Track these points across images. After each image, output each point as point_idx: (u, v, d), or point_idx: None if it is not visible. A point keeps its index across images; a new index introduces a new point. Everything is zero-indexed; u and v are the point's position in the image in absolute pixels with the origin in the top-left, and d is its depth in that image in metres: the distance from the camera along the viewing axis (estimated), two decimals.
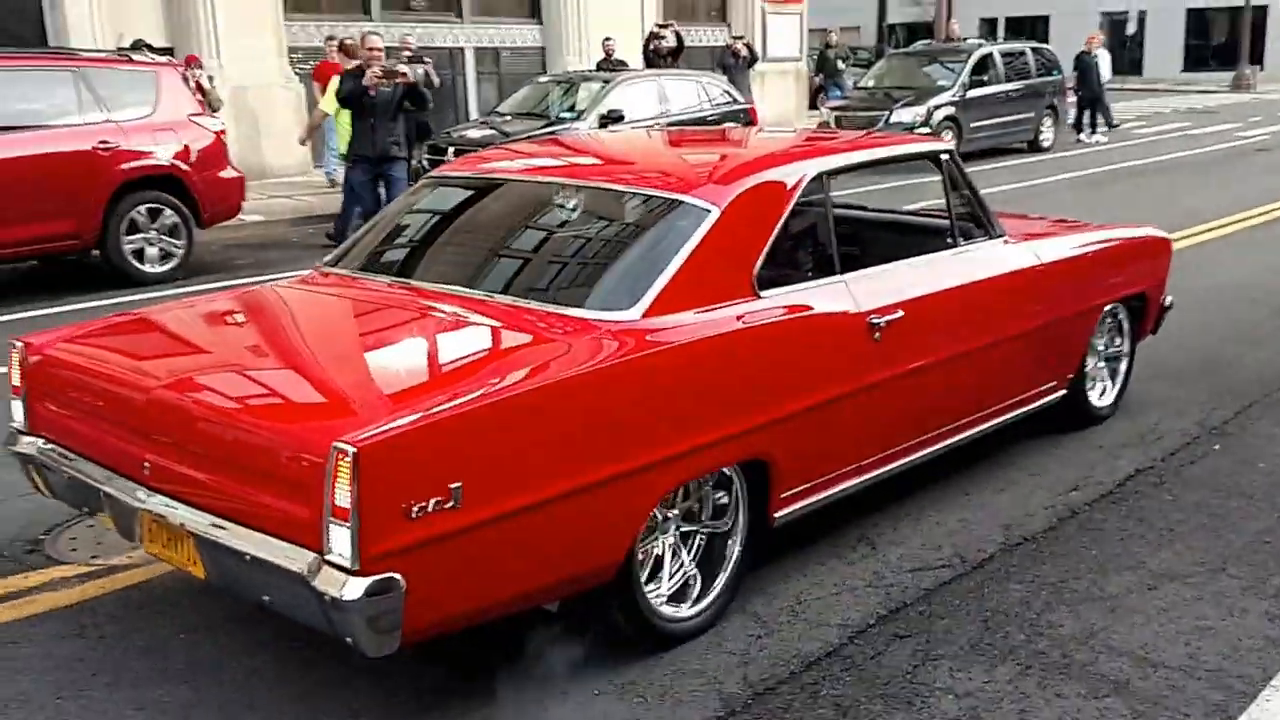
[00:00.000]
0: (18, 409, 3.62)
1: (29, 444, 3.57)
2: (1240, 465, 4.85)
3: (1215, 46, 41.46)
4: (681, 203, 3.64)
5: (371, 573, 2.62)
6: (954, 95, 17.21)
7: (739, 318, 3.51)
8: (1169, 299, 5.71)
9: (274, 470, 2.79)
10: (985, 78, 17.85)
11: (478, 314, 3.47)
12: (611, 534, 3.17)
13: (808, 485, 3.78)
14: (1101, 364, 5.43)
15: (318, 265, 4.27)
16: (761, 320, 3.57)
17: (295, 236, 11.57)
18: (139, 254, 9.08)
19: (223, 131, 9.82)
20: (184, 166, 9.20)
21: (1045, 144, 18.80)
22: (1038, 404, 4.93)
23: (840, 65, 23.16)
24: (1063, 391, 5.09)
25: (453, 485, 2.73)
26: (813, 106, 23.21)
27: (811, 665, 3.35)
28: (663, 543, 3.45)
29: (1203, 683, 3.23)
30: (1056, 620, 3.58)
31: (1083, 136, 19.92)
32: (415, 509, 2.68)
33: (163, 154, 9.08)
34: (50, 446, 3.51)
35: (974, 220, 4.64)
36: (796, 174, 3.90)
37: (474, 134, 13.23)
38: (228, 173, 9.70)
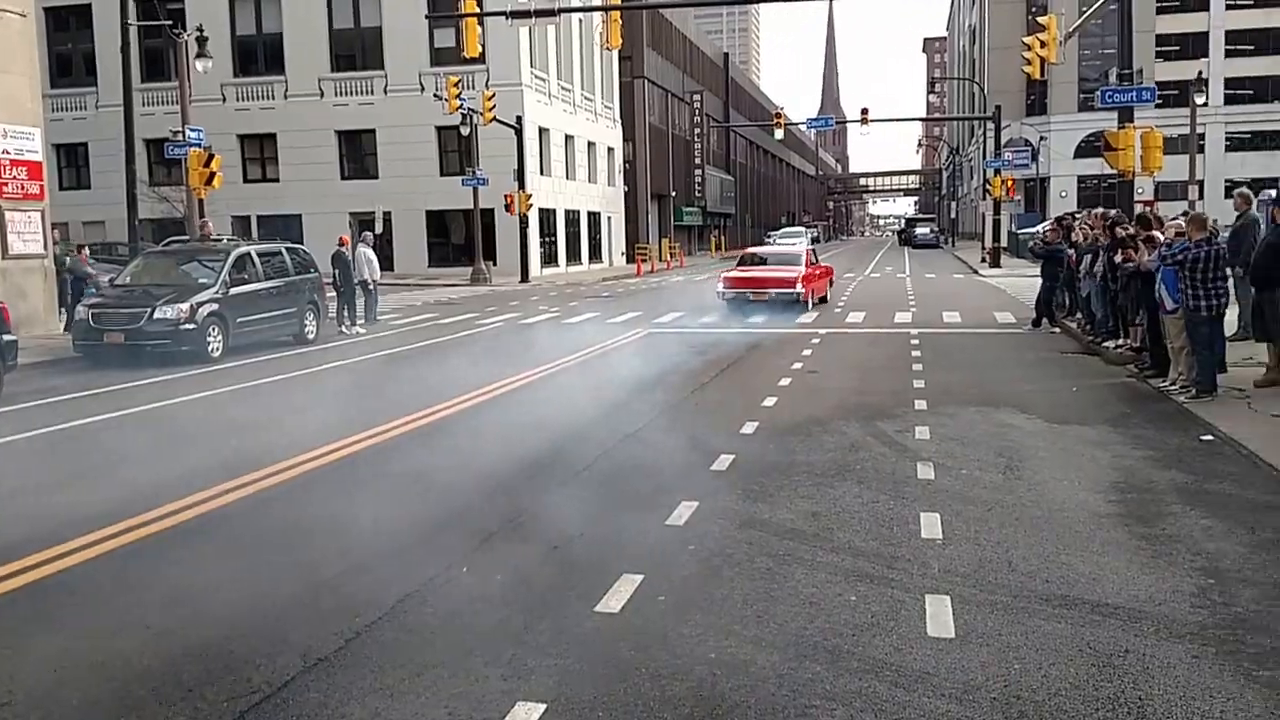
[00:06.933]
0: (720, 287, 26.43)
1: (729, 295, 26.35)
2: (482, 581, 6.43)
3: (455, 245, 47.75)
4: (796, 254, 29.44)
5: (803, 289, 26.30)
6: (216, 292, 18.36)
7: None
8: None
9: (790, 281, 26.28)
10: (246, 275, 19.32)
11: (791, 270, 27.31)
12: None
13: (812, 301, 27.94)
14: None
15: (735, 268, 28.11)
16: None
17: None
18: None
19: None
20: None
21: (310, 336, 20.71)
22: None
23: (67, 260, 23.30)
24: None
25: (800, 287, 26.22)
26: (62, 304, 22.92)
27: None
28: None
29: None
30: (349, 711, 4.71)
31: (344, 328, 22.22)
32: (808, 290, 26.92)
33: None
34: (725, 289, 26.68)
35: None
36: (809, 240, 50.44)
37: None
38: None
